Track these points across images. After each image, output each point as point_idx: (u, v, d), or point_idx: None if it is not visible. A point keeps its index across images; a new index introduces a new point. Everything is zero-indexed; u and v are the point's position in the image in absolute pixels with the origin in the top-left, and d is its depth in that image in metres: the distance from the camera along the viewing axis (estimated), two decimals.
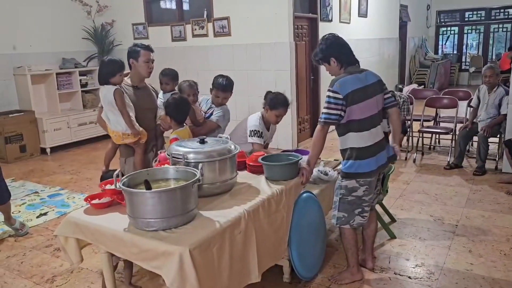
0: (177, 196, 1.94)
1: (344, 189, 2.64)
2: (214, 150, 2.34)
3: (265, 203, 2.29)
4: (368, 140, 2.56)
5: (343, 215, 2.68)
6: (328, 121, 2.53)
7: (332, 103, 2.49)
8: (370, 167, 2.58)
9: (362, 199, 2.65)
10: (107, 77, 3.04)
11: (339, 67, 2.61)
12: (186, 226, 1.97)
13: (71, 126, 6.90)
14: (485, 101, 5.01)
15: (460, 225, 3.60)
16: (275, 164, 2.59)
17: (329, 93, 2.52)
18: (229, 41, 6.49)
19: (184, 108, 3.03)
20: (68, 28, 7.35)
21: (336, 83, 2.50)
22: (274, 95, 3.33)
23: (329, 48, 2.61)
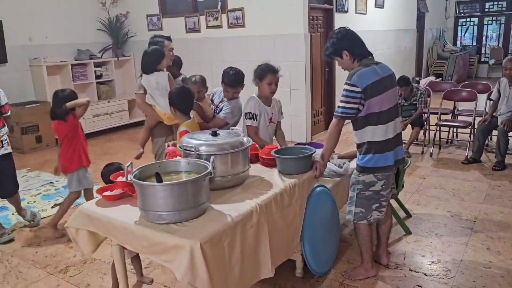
0: (188, 189, 1.91)
1: (361, 184, 2.59)
2: (227, 143, 2.31)
3: (277, 197, 2.25)
4: (387, 133, 2.50)
5: (361, 210, 2.63)
6: (344, 115, 2.47)
7: (350, 97, 2.43)
8: (388, 161, 2.53)
9: (380, 194, 2.59)
10: (154, 65, 3.33)
11: (351, 60, 2.54)
12: (197, 220, 1.94)
13: (86, 117, 6.92)
14: (506, 95, 4.87)
15: (478, 221, 3.51)
16: (288, 158, 2.54)
17: (346, 86, 2.45)
18: (243, 33, 6.43)
19: (187, 98, 2.95)
20: (83, 20, 7.37)
21: (354, 76, 2.43)
22: (258, 67, 3.24)
23: (340, 41, 2.54)
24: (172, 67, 3.77)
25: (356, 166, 2.62)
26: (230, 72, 3.38)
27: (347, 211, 2.70)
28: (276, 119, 3.38)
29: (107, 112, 7.29)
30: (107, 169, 3.26)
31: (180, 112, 2.93)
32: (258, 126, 3.22)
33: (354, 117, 2.50)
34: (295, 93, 6.21)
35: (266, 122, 3.27)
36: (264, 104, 3.26)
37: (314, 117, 6.70)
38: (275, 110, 3.35)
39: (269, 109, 3.29)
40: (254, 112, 3.18)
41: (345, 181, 3.21)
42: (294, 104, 6.24)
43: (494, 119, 4.96)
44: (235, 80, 3.37)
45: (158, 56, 3.35)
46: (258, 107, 3.21)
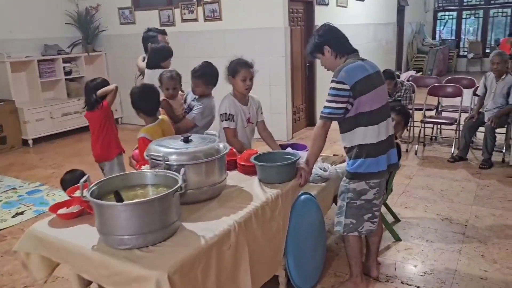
0: (154, 208, 1.63)
1: (352, 193, 2.35)
2: (200, 151, 2.04)
3: (258, 211, 1.99)
4: (379, 135, 2.27)
5: (351, 221, 2.38)
6: (332, 116, 2.23)
7: (338, 96, 2.19)
8: (381, 166, 2.29)
9: (373, 203, 2.36)
10: (158, 61, 3.46)
11: (334, 56, 2.32)
12: (165, 243, 1.67)
13: (55, 116, 6.55)
14: (492, 90, 4.72)
15: (470, 225, 3.34)
16: (269, 165, 2.29)
17: (333, 84, 2.21)
18: (220, 26, 6.13)
19: (150, 97, 2.65)
20: (50, 13, 6.93)
21: (341, 72, 2.20)
22: (231, 62, 2.98)
23: (322, 36, 2.33)
24: None
25: (346, 173, 2.38)
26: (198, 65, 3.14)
27: (336, 222, 2.46)
28: (254, 119, 3.11)
29: (77, 110, 6.85)
30: (69, 176, 2.98)
31: (144, 113, 2.63)
32: (236, 128, 2.95)
33: (342, 118, 2.26)
34: (275, 90, 5.96)
35: (243, 123, 3.00)
36: (241, 103, 2.98)
37: (294, 114, 6.46)
38: (253, 109, 3.07)
39: (246, 109, 3.02)
40: (230, 113, 2.91)
41: (330, 185, 2.99)
42: (274, 101, 5.99)
43: (480, 116, 4.82)
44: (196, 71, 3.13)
45: (164, 54, 3.45)
46: (234, 107, 2.93)
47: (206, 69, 3.07)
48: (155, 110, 2.67)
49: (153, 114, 2.66)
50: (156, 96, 2.67)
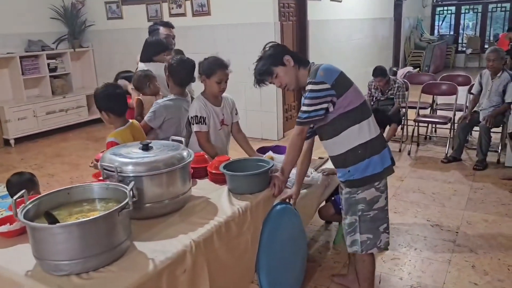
0: (95, 229, 1.45)
1: (363, 203, 2.07)
2: (160, 160, 1.85)
3: (221, 228, 1.80)
4: (376, 128, 2.07)
5: (368, 237, 2.10)
6: (310, 120, 1.99)
7: (317, 98, 1.95)
8: (386, 161, 2.06)
9: (385, 210, 2.13)
10: (150, 55, 3.26)
11: (297, 67, 2.07)
12: (110, 267, 1.48)
13: (38, 114, 6.35)
14: (488, 88, 4.53)
15: (461, 233, 3.16)
16: (239, 175, 2.10)
17: (311, 86, 1.96)
18: (209, 21, 5.92)
19: (117, 97, 2.42)
20: (34, 7, 6.70)
21: (319, 72, 1.96)
22: (205, 60, 2.76)
23: (276, 48, 2.10)
24: None
25: (348, 183, 2.09)
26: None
27: (350, 242, 2.16)
28: (229, 121, 2.91)
29: (62, 108, 6.69)
30: (16, 179, 2.68)
31: (112, 114, 2.43)
32: (208, 131, 2.76)
33: (320, 120, 2.02)
34: (265, 87, 5.72)
35: (216, 126, 2.80)
36: (213, 104, 2.78)
37: (286, 112, 6.27)
38: (227, 110, 2.87)
39: (219, 110, 2.81)
40: (201, 115, 2.70)
41: (313, 192, 2.80)
42: (264, 99, 5.80)
43: (475, 115, 4.63)
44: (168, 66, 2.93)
45: (155, 48, 3.28)
46: (205, 109, 2.73)
47: (174, 68, 2.86)
48: (123, 111, 2.46)
49: (121, 114, 2.45)
50: (122, 95, 2.45)
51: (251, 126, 6.00)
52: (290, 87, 2.12)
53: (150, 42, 3.45)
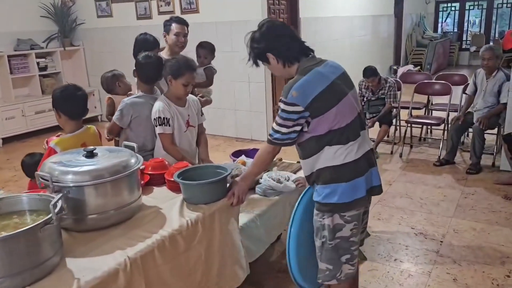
0: (13, 247, 1.32)
1: (327, 230, 1.86)
2: (102, 168, 1.72)
3: (165, 242, 1.66)
4: (355, 152, 1.81)
5: (327, 267, 1.90)
6: (282, 142, 1.84)
7: (288, 119, 1.77)
8: (359, 191, 1.82)
9: (350, 241, 1.87)
10: (137, 54, 3.00)
11: (282, 65, 1.87)
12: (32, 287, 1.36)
13: (27, 114, 6.27)
14: (483, 88, 4.34)
15: (446, 242, 2.99)
16: (191, 183, 1.95)
17: (282, 105, 1.78)
18: (198, 19, 5.76)
19: (76, 99, 2.28)
20: (24, 5, 6.61)
21: (292, 91, 1.75)
22: (174, 60, 2.64)
23: (260, 42, 1.87)
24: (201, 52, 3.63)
25: (316, 204, 1.89)
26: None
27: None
28: (195, 122, 2.78)
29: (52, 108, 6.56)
30: (28, 160, 2.99)
31: (67, 116, 2.30)
32: (173, 133, 2.63)
33: (294, 143, 1.86)
34: (255, 87, 5.62)
35: (182, 127, 2.67)
36: (177, 105, 2.65)
37: (276, 112, 6.11)
38: (192, 110, 2.74)
39: (184, 110, 2.68)
40: (164, 116, 2.57)
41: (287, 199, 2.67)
42: (253, 98, 5.66)
43: (469, 116, 4.44)
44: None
45: (143, 46, 3.17)
46: (169, 109, 2.60)
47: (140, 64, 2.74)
48: (79, 113, 2.33)
49: (75, 118, 2.32)
50: (81, 98, 2.32)
51: (240, 127, 5.88)
52: (283, 77, 2.00)
53: (137, 40, 3.38)
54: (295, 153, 2.01)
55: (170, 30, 3.30)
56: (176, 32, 3.26)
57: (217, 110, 5.55)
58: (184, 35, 3.31)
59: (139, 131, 2.73)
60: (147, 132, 2.74)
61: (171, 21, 3.33)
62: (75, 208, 1.68)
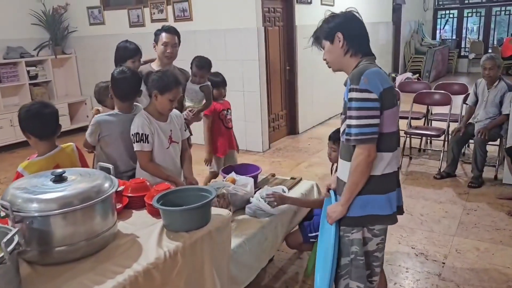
0: None
1: (357, 245, 1.77)
2: (71, 195, 1.55)
3: (138, 278, 1.49)
4: (394, 164, 1.73)
5: (358, 285, 1.80)
6: (366, 138, 1.63)
7: (365, 108, 1.62)
8: (392, 206, 1.73)
9: (374, 256, 1.80)
10: (118, 63, 2.99)
11: (344, 50, 1.75)
12: None
13: (15, 124, 6.07)
14: (484, 99, 4.20)
15: (448, 264, 2.83)
16: (172, 210, 1.78)
17: (354, 94, 1.64)
18: (191, 27, 5.64)
19: (42, 118, 2.08)
20: (14, 12, 6.48)
21: (363, 78, 1.63)
22: (159, 74, 2.47)
23: (340, 18, 1.77)
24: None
25: (345, 220, 1.77)
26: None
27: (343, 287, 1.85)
28: (178, 138, 2.61)
29: None
30: None
31: (36, 137, 2.13)
32: (151, 150, 2.46)
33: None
34: (249, 96, 5.47)
35: (164, 143, 2.50)
36: (158, 120, 2.48)
37: (273, 122, 5.97)
38: (174, 125, 2.58)
39: (166, 126, 2.51)
40: (143, 132, 2.40)
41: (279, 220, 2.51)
42: (248, 108, 5.50)
43: (470, 127, 4.29)
44: None
45: (124, 55, 3.11)
46: (149, 125, 2.43)
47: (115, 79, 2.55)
48: (48, 133, 2.15)
49: (44, 138, 2.13)
50: (49, 116, 2.12)
51: None
52: (332, 67, 1.85)
53: (118, 48, 3.23)
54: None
55: (159, 40, 3.15)
56: (164, 42, 3.09)
57: None
58: (172, 45, 3.14)
59: (108, 151, 2.54)
60: (119, 152, 2.54)
61: (161, 31, 3.17)
62: (40, 240, 1.52)
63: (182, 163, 2.68)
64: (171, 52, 3.12)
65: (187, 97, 3.38)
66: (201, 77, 3.28)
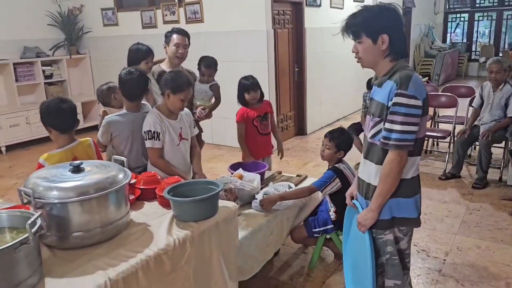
0: None
1: (390, 245, 1.82)
2: (88, 184, 1.67)
3: (149, 263, 1.60)
4: (417, 168, 1.79)
5: (395, 283, 1.85)
6: (406, 144, 1.65)
7: (410, 115, 1.62)
8: (418, 208, 1.80)
9: (406, 253, 1.87)
10: (131, 64, 3.08)
11: (383, 53, 1.70)
12: None
13: (31, 121, 6.27)
14: (489, 101, 4.25)
15: (449, 261, 2.90)
16: (180, 200, 1.89)
17: (401, 99, 1.62)
18: (202, 28, 5.76)
19: (61, 112, 2.22)
20: (31, 14, 6.66)
21: (411, 83, 1.62)
22: (173, 75, 2.59)
23: (386, 20, 1.69)
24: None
25: (376, 223, 1.79)
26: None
27: (381, 283, 1.88)
28: (188, 135, 2.74)
29: None
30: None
31: (56, 131, 2.26)
32: (162, 147, 2.58)
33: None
34: None
35: (174, 140, 2.62)
36: (168, 118, 2.60)
37: (281, 122, 6.06)
38: (184, 123, 2.70)
39: (176, 123, 2.64)
40: (155, 130, 2.52)
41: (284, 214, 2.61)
42: None
43: (475, 130, 4.34)
44: None
45: (137, 57, 3.22)
46: (160, 123, 2.55)
47: (122, 80, 2.65)
48: (67, 126, 2.29)
49: (64, 131, 2.28)
50: (67, 111, 2.26)
51: None
52: (361, 63, 1.80)
53: (130, 50, 3.36)
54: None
55: (170, 41, 3.29)
56: (175, 43, 3.25)
57: (221, 120, 5.50)
58: (184, 46, 3.29)
59: (120, 149, 2.66)
60: (129, 149, 2.66)
61: (172, 32, 3.32)
62: (58, 225, 1.64)
63: (192, 159, 2.79)
64: (182, 52, 3.26)
65: (196, 97, 3.51)
66: (209, 75, 3.43)
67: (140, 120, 2.61)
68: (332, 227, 2.70)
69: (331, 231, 2.72)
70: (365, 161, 1.85)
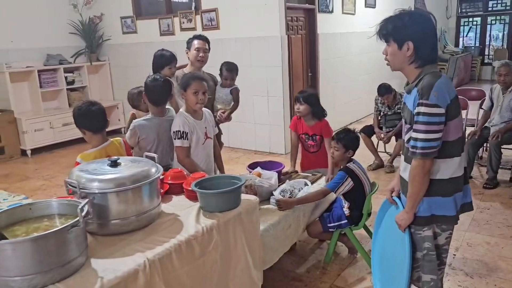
0: (42, 247, 1.46)
1: (428, 241, 1.89)
2: (124, 177, 1.85)
3: (182, 247, 1.78)
4: (458, 168, 1.83)
5: (431, 278, 1.92)
6: (430, 152, 1.73)
7: (433, 123, 1.70)
8: (456, 206, 1.85)
9: (443, 249, 1.93)
10: (156, 70, 3.36)
11: (410, 59, 1.79)
12: (58, 285, 1.48)
13: (55, 126, 6.54)
14: (499, 103, 4.36)
15: (459, 255, 3.02)
16: (207, 192, 2.07)
17: (423, 108, 1.70)
18: (218, 35, 5.96)
19: (92, 114, 2.43)
20: (53, 23, 6.94)
21: (433, 92, 1.69)
22: (181, 77, 2.86)
23: (414, 26, 1.76)
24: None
25: (415, 219, 1.88)
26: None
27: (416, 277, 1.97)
28: (212, 134, 2.95)
29: None
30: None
31: (90, 132, 2.47)
32: (190, 146, 2.77)
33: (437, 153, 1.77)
34: (273, 101, 5.75)
35: (200, 140, 2.82)
36: (194, 118, 2.80)
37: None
38: (208, 123, 2.91)
39: (201, 123, 2.84)
40: (184, 130, 2.72)
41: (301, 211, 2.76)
42: (271, 112, 5.79)
43: (486, 131, 4.45)
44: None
45: (162, 62, 3.42)
46: (188, 124, 2.75)
47: (147, 86, 2.84)
48: (99, 127, 2.49)
49: (97, 132, 2.48)
50: (97, 112, 2.46)
51: (259, 140, 6.00)
52: (391, 67, 1.88)
53: (155, 56, 3.56)
54: None
55: (192, 46, 3.51)
56: (196, 48, 3.47)
57: (237, 123, 5.67)
58: (204, 50, 3.51)
59: (146, 151, 2.80)
60: (155, 152, 2.80)
61: (193, 38, 3.56)
62: (99, 213, 1.82)
63: (214, 158, 2.98)
64: (203, 56, 3.48)
65: (217, 101, 3.70)
66: (231, 79, 3.64)
67: (165, 124, 2.81)
68: (346, 222, 2.85)
69: (345, 226, 2.87)
70: (404, 163, 1.94)
